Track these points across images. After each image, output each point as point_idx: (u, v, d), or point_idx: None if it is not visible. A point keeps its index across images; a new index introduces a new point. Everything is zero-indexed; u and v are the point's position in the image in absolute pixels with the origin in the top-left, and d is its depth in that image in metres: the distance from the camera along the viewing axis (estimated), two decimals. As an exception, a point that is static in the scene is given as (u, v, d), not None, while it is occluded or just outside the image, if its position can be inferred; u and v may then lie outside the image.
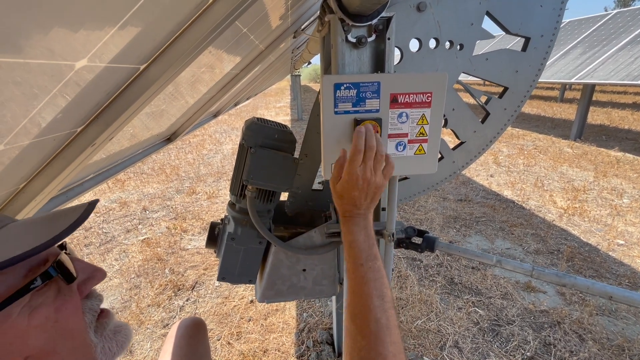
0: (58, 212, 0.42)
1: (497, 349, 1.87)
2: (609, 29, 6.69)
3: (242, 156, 1.02)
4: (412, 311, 2.14)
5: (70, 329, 0.40)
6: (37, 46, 0.41)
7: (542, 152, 5.83)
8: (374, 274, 0.61)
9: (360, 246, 0.65)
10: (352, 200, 0.68)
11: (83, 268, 0.44)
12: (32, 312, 0.36)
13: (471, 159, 1.25)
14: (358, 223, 0.68)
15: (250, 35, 1.24)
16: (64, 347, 0.39)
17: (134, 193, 4.38)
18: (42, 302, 0.37)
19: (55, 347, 0.38)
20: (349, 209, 0.69)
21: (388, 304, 0.58)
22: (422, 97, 0.79)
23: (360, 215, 0.69)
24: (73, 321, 0.40)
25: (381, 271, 0.63)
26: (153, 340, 2.00)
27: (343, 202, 0.70)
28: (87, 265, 0.45)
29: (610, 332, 1.97)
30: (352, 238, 0.67)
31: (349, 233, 0.68)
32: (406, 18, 1.04)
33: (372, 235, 0.68)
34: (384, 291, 0.60)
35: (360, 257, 0.64)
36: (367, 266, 0.62)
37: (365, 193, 0.68)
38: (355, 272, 0.63)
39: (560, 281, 1.05)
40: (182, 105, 1.58)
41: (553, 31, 1.10)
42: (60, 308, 0.39)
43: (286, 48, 3.09)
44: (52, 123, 0.59)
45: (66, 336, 0.39)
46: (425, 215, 3.52)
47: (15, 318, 0.35)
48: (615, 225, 3.24)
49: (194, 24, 0.63)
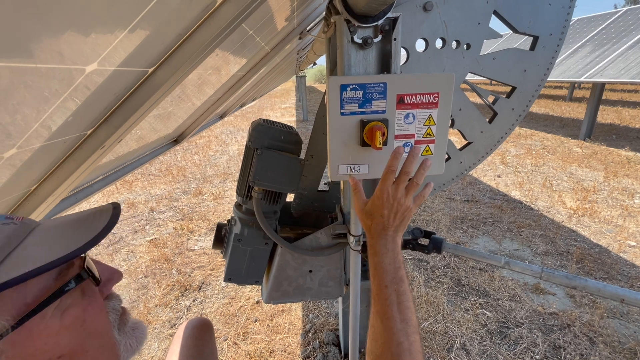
0: (83, 214, 0.44)
1: (506, 351, 1.84)
2: (619, 27, 6.57)
3: (248, 157, 1.03)
4: (419, 313, 2.13)
5: (96, 328, 0.41)
6: (48, 51, 0.41)
7: (550, 152, 5.75)
8: (399, 297, 0.60)
9: (386, 268, 0.64)
10: (382, 219, 0.68)
11: (103, 270, 0.46)
12: (63, 313, 0.38)
13: (478, 159, 1.24)
14: (386, 244, 0.67)
15: (256, 37, 1.24)
16: (92, 345, 0.41)
17: (141, 194, 4.43)
18: (71, 303, 0.39)
19: (85, 346, 0.40)
20: (377, 229, 0.68)
21: (412, 328, 0.57)
22: (429, 97, 0.79)
23: (388, 236, 0.68)
24: (99, 321, 0.42)
25: (407, 294, 0.61)
26: (161, 340, 2.02)
27: (373, 222, 0.69)
28: (106, 267, 0.46)
29: (622, 335, 1.93)
30: (378, 260, 0.66)
31: (376, 254, 0.67)
32: (412, 18, 1.04)
33: (400, 258, 0.66)
34: (408, 315, 0.58)
35: (385, 279, 0.63)
36: (392, 289, 0.61)
37: (395, 213, 0.67)
38: (379, 294, 0.62)
39: (570, 283, 1.03)
40: (189, 107, 1.59)
41: (562, 29, 1.09)
42: (87, 309, 0.40)
43: (292, 49, 3.09)
44: (63, 126, 0.60)
45: (94, 335, 0.41)
46: (431, 216, 3.50)
47: (49, 319, 0.37)
48: (626, 226, 3.18)
49: (201, 27, 0.63)
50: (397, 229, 0.68)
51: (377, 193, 0.68)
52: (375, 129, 0.75)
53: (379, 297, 0.62)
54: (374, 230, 0.69)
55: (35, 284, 0.37)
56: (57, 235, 0.40)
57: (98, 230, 0.40)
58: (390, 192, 0.67)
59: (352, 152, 0.81)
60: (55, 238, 0.40)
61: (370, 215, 0.69)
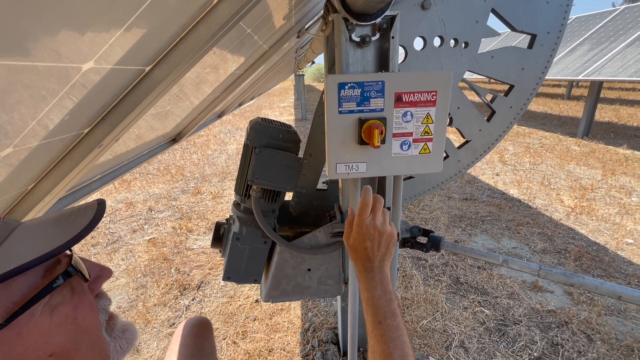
0: (66, 212, 0.43)
1: (504, 349, 1.85)
2: (617, 25, 6.59)
3: (246, 156, 1.03)
4: (418, 311, 2.13)
5: (87, 326, 0.41)
6: (45, 49, 0.41)
7: (548, 150, 5.76)
8: (394, 332, 0.60)
9: (377, 302, 0.63)
10: (365, 252, 0.68)
11: (91, 267, 0.45)
12: (52, 311, 0.38)
13: (477, 157, 1.24)
14: (373, 277, 0.67)
15: (254, 35, 1.24)
16: (83, 343, 0.41)
17: (139, 193, 4.42)
18: (61, 301, 0.39)
19: (76, 344, 0.40)
20: (362, 264, 0.69)
21: None
22: (427, 96, 0.79)
23: (374, 269, 0.68)
24: (89, 318, 0.42)
25: (401, 329, 0.61)
26: (159, 339, 2.02)
27: (357, 256, 0.70)
28: (94, 264, 0.46)
29: (619, 332, 1.94)
30: (368, 294, 0.66)
31: (365, 289, 0.67)
32: (410, 16, 1.04)
33: (390, 289, 0.66)
34: (405, 350, 0.58)
35: (378, 314, 0.62)
36: (386, 324, 0.61)
37: (377, 243, 0.68)
38: (374, 330, 0.61)
39: (568, 281, 1.03)
40: (187, 106, 1.59)
41: (560, 28, 1.09)
42: (77, 306, 0.40)
43: (290, 48, 3.09)
44: (60, 125, 0.60)
45: (84, 333, 0.41)
46: (430, 214, 3.51)
47: (38, 317, 0.37)
48: (624, 223, 3.19)
49: (198, 25, 0.63)
50: (382, 259, 0.69)
51: (356, 227, 0.69)
52: (374, 127, 0.76)
53: (374, 334, 0.61)
54: (360, 264, 0.69)
55: (22, 282, 0.36)
56: (40, 232, 0.40)
57: (82, 226, 0.39)
58: (369, 222, 0.68)
59: (350, 151, 0.81)
60: (39, 236, 0.39)
61: (354, 249, 0.70)
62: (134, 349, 1.95)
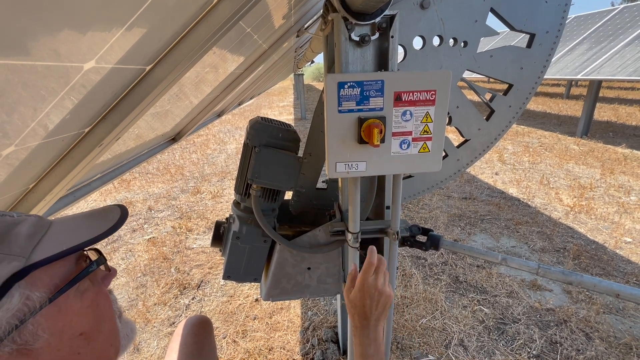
0: (95, 211, 0.50)
1: (503, 347, 1.86)
2: (615, 24, 6.59)
3: (246, 155, 1.03)
4: (417, 309, 2.14)
5: (106, 313, 0.47)
6: (46, 49, 0.41)
7: (547, 149, 5.77)
8: None
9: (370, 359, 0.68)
10: (364, 309, 0.71)
11: None
12: (81, 295, 0.44)
13: (476, 156, 1.25)
14: (368, 335, 0.71)
15: (253, 34, 1.24)
16: (104, 328, 0.47)
17: (139, 193, 4.42)
18: (86, 287, 0.45)
19: (99, 326, 0.46)
20: (360, 319, 0.72)
21: None
22: (426, 95, 0.79)
23: (370, 326, 0.71)
24: (107, 306, 0.48)
25: None
26: (160, 338, 2.02)
27: (355, 312, 0.73)
28: None
29: (618, 330, 1.95)
30: (362, 350, 0.70)
31: (359, 345, 0.71)
32: (410, 16, 1.04)
33: (382, 350, 0.71)
34: None
35: None
36: None
37: (376, 302, 0.71)
38: None
39: (566, 279, 1.04)
40: (187, 106, 1.59)
41: (558, 27, 1.09)
42: (98, 294, 0.46)
43: (289, 47, 3.09)
44: (61, 124, 0.60)
45: (105, 318, 0.47)
46: (429, 213, 3.51)
47: (72, 299, 0.42)
48: (622, 222, 3.20)
49: (198, 25, 0.63)
50: (378, 318, 0.72)
51: (358, 284, 0.73)
52: (373, 127, 0.76)
53: None
54: (357, 320, 0.73)
55: (62, 266, 0.42)
56: (75, 226, 0.46)
57: (114, 221, 0.46)
58: (371, 282, 0.71)
59: (349, 150, 0.81)
60: (76, 229, 0.45)
61: (354, 305, 0.73)
62: (135, 348, 1.95)
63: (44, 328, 0.39)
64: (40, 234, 0.41)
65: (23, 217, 0.42)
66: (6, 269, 0.36)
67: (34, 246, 0.39)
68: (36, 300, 0.38)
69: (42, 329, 0.38)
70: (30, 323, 0.37)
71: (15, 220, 0.41)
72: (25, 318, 0.37)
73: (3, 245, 0.37)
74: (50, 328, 0.39)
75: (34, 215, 0.44)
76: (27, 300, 0.37)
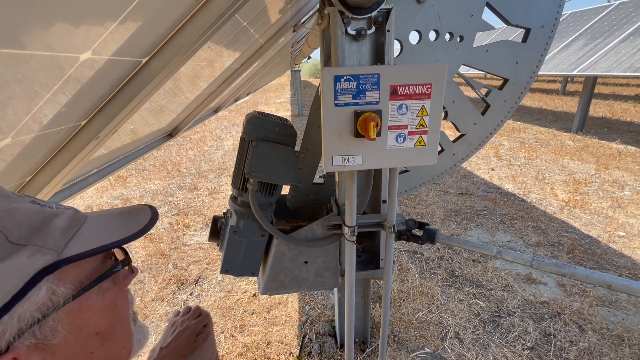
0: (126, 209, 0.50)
1: (498, 339, 1.88)
2: (611, 21, 6.62)
3: (243, 150, 1.03)
4: (414, 303, 2.16)
5: (123, 314, 0.47)
6: (42, 40, 0.41)
7: (543, 145, 5.81)
8: None
9: None
10: None
11: None
12: (103, 294, 0.43)
13: (472, 151, 1.26)
14: None
15: (250, 28, 1.24)
16: (119, 329, 0.46)
17: (136, 190, 4.40)
18: (108, 287, 0.44)
19: (114, 327, 0.45)
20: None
21: None
22: (422, 88, 0.80)
23: None
24: (124, 308, 0.47)
25: None
26: (157, 333, 2.03)
27: None
28: None
29: (610, 322, 1.98)
30: None
31: None
32: (406, 10, 1.04)
33: None
34: None
35: None
36: None
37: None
38: None
39: (559, 271, 1.06)
40: (183, 101, 1.58)
41: (554, 22, 1.10)
42: (118, 294, 0.46)
43: (286, 42, 3.08)
44: (57, 116, 0.60)
45: (121, 319, 0.47)
46: (426, 209, 3.53)
47: (94, 298, 0.42)
48: (616, 217, 3.24)
49: (194, 17, 0.63)
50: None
51: None
52: (369, 120, 0.76)
53: None
54: None
55: (89, 264, 0.42)
56: (108, 223, 0.45)
57: (144, 222, 0.45)
58: None
59: (346, 143, 0.82)
60: (108, 225, 0.45)
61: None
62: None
63: (63, 324, 0.39)
64: (74, 228, 0.41)
65: (62, 209, 0.42)
66: (39, 261, 0.36)
67: (68, 241, 0.39)
68: (61, 295, 0.38)
69: (62, 325, 0.38)
70: (52, 318, 0.37)
71: (55, 212, 0.41)
72: (48, 313, 0.37)
73: (39, 237, 0.37)
74: (69, 325, 0.39)
75: (71, 208, 0.44)
76: (53, 295, 0.37)
